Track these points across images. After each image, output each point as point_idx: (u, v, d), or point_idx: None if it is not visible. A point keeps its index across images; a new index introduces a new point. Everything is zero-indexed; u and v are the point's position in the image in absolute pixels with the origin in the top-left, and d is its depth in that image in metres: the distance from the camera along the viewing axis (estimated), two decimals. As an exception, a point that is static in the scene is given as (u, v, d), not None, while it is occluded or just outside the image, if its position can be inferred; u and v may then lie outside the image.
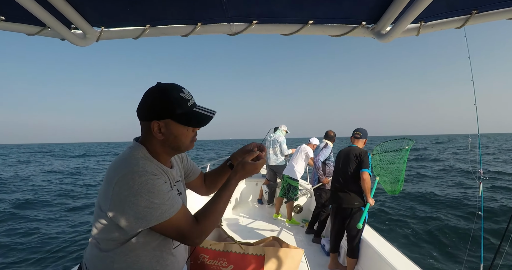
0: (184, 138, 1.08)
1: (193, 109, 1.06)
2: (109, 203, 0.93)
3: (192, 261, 1.82)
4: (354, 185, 3.28)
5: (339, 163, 3.49)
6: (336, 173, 3.50)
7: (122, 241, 1.00)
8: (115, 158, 1.06)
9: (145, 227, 0.95)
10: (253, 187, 6.62)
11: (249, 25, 1.43)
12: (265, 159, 1.23)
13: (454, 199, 9.38)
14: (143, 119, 1.06)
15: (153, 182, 0.94)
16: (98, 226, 1.01)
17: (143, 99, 1.05)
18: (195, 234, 1.02)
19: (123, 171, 0.94)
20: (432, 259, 5.27)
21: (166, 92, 1.02)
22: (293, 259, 1.82)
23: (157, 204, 0.93)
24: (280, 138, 5.96)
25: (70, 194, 11.97)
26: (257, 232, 4.66)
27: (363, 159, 3.26)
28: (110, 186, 0.94)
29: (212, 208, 1.07)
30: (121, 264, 1.02)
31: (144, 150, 1.06)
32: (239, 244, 1.84)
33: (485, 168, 14.80)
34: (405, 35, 1.45)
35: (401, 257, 2.65)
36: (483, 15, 1.29)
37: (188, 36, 1.49)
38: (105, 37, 1.51)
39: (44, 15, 1.23)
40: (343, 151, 3.54)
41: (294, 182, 5.08)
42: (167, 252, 1.11)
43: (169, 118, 1.02)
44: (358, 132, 3.54)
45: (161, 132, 1.04)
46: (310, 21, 1.41)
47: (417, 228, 6.90)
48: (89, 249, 1.09)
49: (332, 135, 4.78)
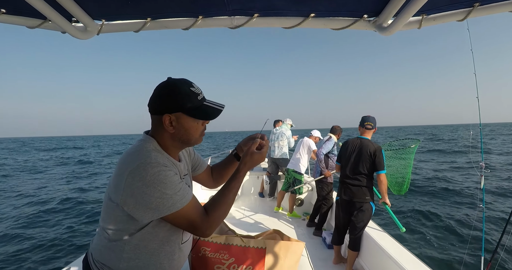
0: (194, 131, 1.10)
1: (203, 103, 1.08)
2: (121, 194, 0.95)
3: (193, 254, 1.83)
4: (366, 181, 3.18)
5: (350, 156, 3.29)
6: (347, 167, 3.31)
7: (132, 231, 1.02)
8: (126, 150, 1.08)
9: (157, 217, 0.98)
10: (255, 180, 6.65)
11: (250, 18, 1.42)
12: (268, 146, 1.26)
13: (455, 191, 9.40)
14: (154, 112, 1.08)
15: (165, 173, 0.96)
16: (108, 217, 1.03)
17: (154, 94, 1.07)
18: (206, 225, 1.04)
19: (135, 162, 0.96)
20: (433, 252, 5.29)
21: (177, 87, 1.04)
22: (294, 252, 1.83)
23: (169, 195, 0.96)
24: (288, 131, 6.00)
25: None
26: (258, 225, 4.69)
27: (379, 160, 3.10)
28: (122, 177, 0.96)
29: (222, 199, 1.09)
30: (129, 254, 1.04)
31: (155, 143, 1.08)
32: (240, 237, 1.85)
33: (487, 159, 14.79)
34: (407, 28, 1.44)
35: (403, 250, 2.67)
36: (485, 7, 1.29)
37: (189, 29, 1.48)
38: (106, 30, 1.51)
39: (45, 8, 1.22)
40: (353, 143, 3.34)
41: (299, 176, 5.10)
42: (175, 246, 1.14)
43: (180, 112, 1.05)
44: (369, 123, 3.27)
45: (172, 125, 1.06)
46: (312, 14, 1.40)
47: (417, 220, 6.93)
48: (96, 239, 1.12)
49: (337, 129, 4.76)
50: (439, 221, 6.82)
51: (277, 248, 1.81)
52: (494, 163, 14.81)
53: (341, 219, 3.39)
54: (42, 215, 7.97)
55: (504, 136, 40.56)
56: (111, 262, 1.05)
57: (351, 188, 3.23)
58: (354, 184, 3.22)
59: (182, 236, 1.17)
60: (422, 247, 5.57)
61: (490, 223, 6.30)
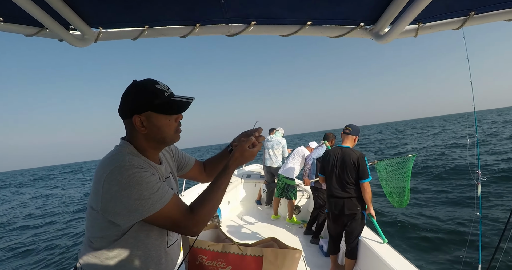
0: (167, 129, 1.09)
1: (171, 98, 1.07)
2: (100, 200, 0.95)
3: (190, 262, 1.82)
4: (355, 191, 3.11)
5: (333, 167, 3.21)
6: (332, 179, 3.22)
7: (115, 237, 1.01)
8: (103, 157, 1.07)
9: (138, 219, 0.97)
10: (252, 188, 6.62)
11: (247, 26, 1.43)
12: (261, 144, 1.23)
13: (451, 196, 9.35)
14: (124, 117, 1.08)
15: (140, 175, 0.95)
16: (91, 225, 1.03)
17: (122, 98, 1.07)
18: (191, 223, 1.03)
19: (110, 167, 0.96)
20: (429, 260, 5.26)
21: (141, 86, 1.04)
22: (291, 259, 1.81)
23: (146, 196, 0.95)
24: (283, 141, 5.99)
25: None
26: (256, 233, 4.66)
27: (363, 168, 3.04)
28: (99, 184, 0.95)
29: (209, 196, 1.08)
30: (115, 261, 1.03)
31: (131, 147, 1.07)
32: (237, 245, 1.84)
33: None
34: (403, 36, 1.46)
35: (399, 258, 2.66)
36: (481, 16, 1.30)
37: (187, 37, 1.49)
38: (103, 38, 1.51)
39: (42, 16, 1.22)
40: (334, 153, 3.26)
41: (291, 181, 5.11)
42: (161, 251, 1.12)
43: (149, 110, 1.04)
44: (348, 128, 3.26)
45: (143, 126, 1.05)
46: (309, 22, 1.41)
47: (413, 227, 6.88)
48: (83, 249, 1.10)
49: (330, 135, 4.76)
50: (434, 227, 6.78)
51: (274, 256, 1.79)
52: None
53: (334, 230, 3.34)
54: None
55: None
56: (98, 269, 1.04)
57: (341, 201, 3.13)
58: (343, 196, 3.12)
59: (168, 240, 1.15)
60: (417, 253, 5.53)
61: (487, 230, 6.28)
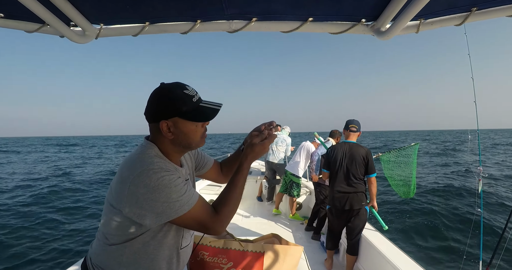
0: (194, 135, 1.09)
1: (199, 104, 1.06)
2: (124, 201, 0.95)
3: (191, 258, 1.82)
4: (361, 186, 3.15)
5: (341, 162, 3.18)
6: (339, 174, 3.20)
7: (133, 236, 1.02)
8: (127, 155, 1.07)
9: (165, 221, 0.98)
10: (253, 184, 6.63)
11: (248, 22, 1.43)
12: (273, 136, 1.21)
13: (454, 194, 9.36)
14: (151, 121, 1.07)
15: (169, 178, 0.96)
16: (109, 222, 1.02)
17: (149, 102, 1.06)
18: (216, 224, 1.04)
19: (138, 169, 0.96)
20: (431, 256, 5.28)
21: (170, 91, 1.03)
22: (292, 256, 1.82)
23: (174, 199, 0.95)
24: (288, 139, 6.00)
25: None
26: (257, 229, 4.67)
27: (371, 163, 3.12)
28: (124, 184, 0.95)
29: (229, 196, 1.09)
30: (129, 259, 1.04)
31: (157, 149, 1.08)
32: (238, 241, 1.85)
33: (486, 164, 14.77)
34: (404, 33, 1.45)
35: (401, 255, 2.66)
36: (483, 12, 1.29)
37: (188, 33, 1.49)
38: (104, 34, 1.51)
39: (43, 12, 1.23)
40: (341, 148, 3.24)
41: (297, 179, 5.08)
42: (174, 251, 1.13)
43: (177, 116, 1.03)
44: (354, 125, 3.25)
45: (170, 131, 1.05)
46: (310, 19, 1.40)
47: (415, 223, 6.91)
48: (95, 243, 1.11)
49: (335, 133, 4.75)
50: (436, 224, 6.80)
51: (275, 252, 1.80)
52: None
53: (337, 226, 3.33)
54: (42, 215, 7.88)
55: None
56: (110, 266, 1.05)
57: (348, 196, 3.13)
58: (350, 191, 3.13)
59: (182, 242, 1.16)
60: (418, 249, 5.55)
61: (489, 227, 6.29)
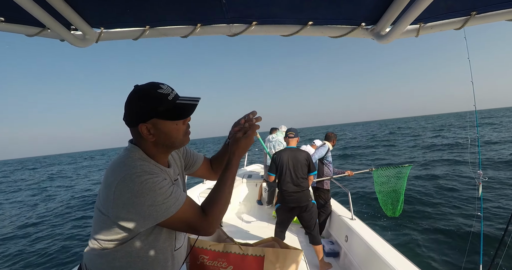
0: (176, 133, 1.07)
1: (176, 102, 1.03)
2: (111, 206, 0.94)
3: (191, 262, 1.82)
4: (306, 184, 3.59)
5: (287, 166, 3.59)
6: (286, 176, 3.59)
7: (124, 240, 1.01)
8: (112, 160, 1.05)
9: (153, 224, 0.97)
10: (253, 188, 6.61)
11: (248, 26, 1.43)
12: (255, 126, 1.19)
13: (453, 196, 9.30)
14: (130, 125, 1.06)
15: (152, 181, 0.94)
16: (99, 228, 1.01)
17: (125, 106, 1.04)
18: (205, 224, 1.03)
19: (122, 174, 0.94)
20: (430, 260, 5.25)
21: (144, 93, 1.01)
22: (292, 260, 1.81)
23: (160, 201, 0.94)
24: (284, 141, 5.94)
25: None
26: (257, 233, 4.66)
27: (312, 164, 3.62)
28: (110, 190, 0.94)
29: (217, 195, 1.08)
30: (121, 263, 1.02)
31: (140, 152, 1.06)
32: (238, 245, 1.84)
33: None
34: (404, 36, 1.45)
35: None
36: (482, 16, 1.30)
37: (188, 37, 1.49)
38: (104, 38, 1.51)
39: (43, 16, 1.23)
40: (285, 153, 3.64)
41: None
42: (168, 254, 1.12)
43: (154, 117, 1.01)
44: (291, 132, 3.81)
45: (151, 134, 1.03)
46: (310, 22, 1.41)
47: (413, 225, 6.87)
48: (88, 249, 1.10)
49: (331, 135, 4.77)
50: (435, 226, 6.76)
51: (275, 256, 1.79)
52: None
53: (285, 220, 3.66)
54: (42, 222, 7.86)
55: None
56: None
57: (297, 195, 3.54)
58: (298, 190, 3.55)
59: (175, 243, 1.15)
60: (417, 253, 5.52)
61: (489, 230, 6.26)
